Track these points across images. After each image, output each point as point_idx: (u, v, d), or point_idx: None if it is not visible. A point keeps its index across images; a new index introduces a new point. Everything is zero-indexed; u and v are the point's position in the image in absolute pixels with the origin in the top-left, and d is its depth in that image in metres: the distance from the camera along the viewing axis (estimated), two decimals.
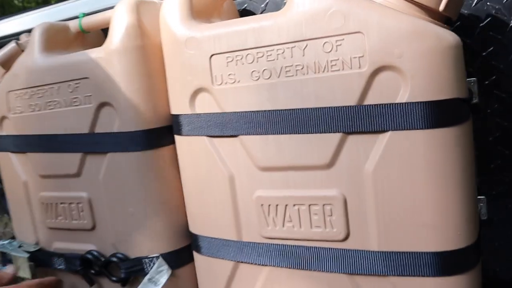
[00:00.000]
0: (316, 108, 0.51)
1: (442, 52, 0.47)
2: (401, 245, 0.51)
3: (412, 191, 0.49)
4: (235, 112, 0.56)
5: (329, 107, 0.51)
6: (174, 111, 0.62)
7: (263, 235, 0.58)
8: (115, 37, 0.63)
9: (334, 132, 0.51)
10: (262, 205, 0.57)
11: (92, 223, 0.70)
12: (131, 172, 0.65)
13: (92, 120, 0.67)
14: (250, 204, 0.58)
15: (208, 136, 0.59)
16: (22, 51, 0.74)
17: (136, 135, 0.64)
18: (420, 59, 0.47)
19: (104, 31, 0.76)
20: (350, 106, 0.50)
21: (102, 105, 0.66)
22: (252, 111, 0.55)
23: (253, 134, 0.55)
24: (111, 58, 0.63)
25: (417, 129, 0.48)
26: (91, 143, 0.67)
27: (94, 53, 0.65)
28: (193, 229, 0.65)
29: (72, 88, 0.67)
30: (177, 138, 0.64)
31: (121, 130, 0.65)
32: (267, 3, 0.77)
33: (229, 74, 0.56)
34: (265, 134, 0.55)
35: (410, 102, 0.48)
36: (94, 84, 0.65)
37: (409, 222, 0.50)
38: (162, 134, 0.66)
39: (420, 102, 0.47)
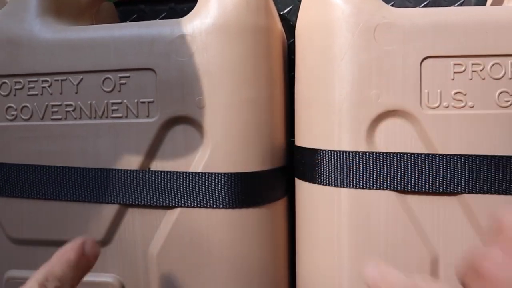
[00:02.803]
0: None
1: None
2: None
3: None
4: (459, 155, 0.34)
5: None
6: (312, 143, 0.37)
7: None
8: (221, 4, 0.36)
9: None
10: None
11: None
12: (219, 243, 0.37)
13: (150, 147, 0.37)
14: None
15: (396, 191, 0.35)
16: None
17: (239, 180, 0.37)
18: None
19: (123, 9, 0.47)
20: None
21: (173, 121, 0.37)
22: (497, 156, 0.34)
23: (498, 194, 0.34)
24: (207, 40, 0.36)
25: None
26: (143, 189, 0.37)
27: (169, 27, 0.36)
28: None
29: (112, 86, 0.37)
30: (305, 187, 0.38)
31: (208, 170, 0.36)
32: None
33: (456, 93, 0.34)
34: None
35: None
36: (163, 83, 0.36)
37: None
38: (275, 180, 0.39)
39: None
